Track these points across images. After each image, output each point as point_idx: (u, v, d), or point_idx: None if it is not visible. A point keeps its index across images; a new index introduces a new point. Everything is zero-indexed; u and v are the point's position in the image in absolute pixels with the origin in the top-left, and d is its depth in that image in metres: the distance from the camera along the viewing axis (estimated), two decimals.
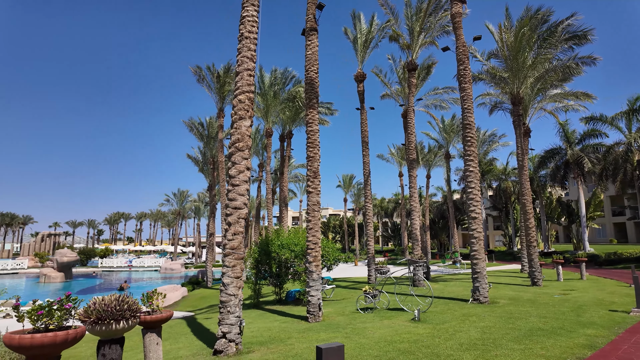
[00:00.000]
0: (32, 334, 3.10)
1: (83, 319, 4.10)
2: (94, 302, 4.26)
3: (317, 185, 11.78)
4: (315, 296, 10.87)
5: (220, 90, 27.72)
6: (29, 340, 3.04)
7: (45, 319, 3.30)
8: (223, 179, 27.94)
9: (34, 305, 3.37)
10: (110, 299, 4.36)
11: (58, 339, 3.11)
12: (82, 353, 9.41)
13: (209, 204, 36.71)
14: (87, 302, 4.29)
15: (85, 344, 10.40)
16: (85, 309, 4.11)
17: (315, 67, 12.63)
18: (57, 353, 3.23)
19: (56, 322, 3.34)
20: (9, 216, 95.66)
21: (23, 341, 3.04)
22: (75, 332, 3.29)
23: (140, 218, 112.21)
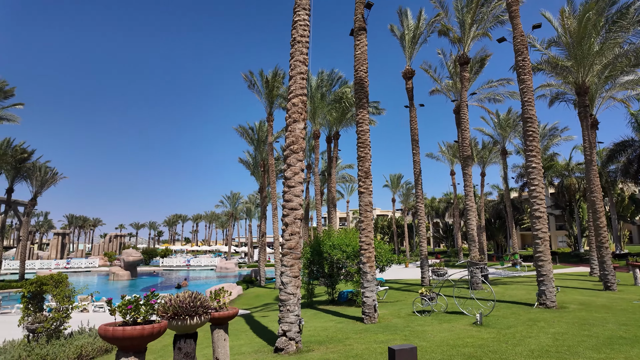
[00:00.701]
0: (122, 326, 3.38)
1: (161, 314, 4.39)
2: (170, 298, 4.55)
3: (369, 186, 11.70)
4: (370, 297, 10.79)
5: (269, 95, 28.44)
6: (121, 332, 3.32)
7: (133, 313, 3.59)
8: (273, 180, 28.62)
9: (123, 301, 3.68)
10: (184, 295, 4.63)
11: (145, 331, 3.37)
12: (153, 346, 10.05)
13: (260, 206, 37.74)
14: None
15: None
16: (163, 305, 4.40)
17: (365, 66, 12.56)
18: (144, 345, 3.50)
19: (142, 316, 3.61)
20: (81, 219, 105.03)
21: (116, 333, 3.32)
22: (159, 326, 3.54)
23: (196, 220, 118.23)
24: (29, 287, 8.41)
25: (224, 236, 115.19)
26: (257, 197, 69.25)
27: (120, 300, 3.87)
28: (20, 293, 27.72)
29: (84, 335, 8.83)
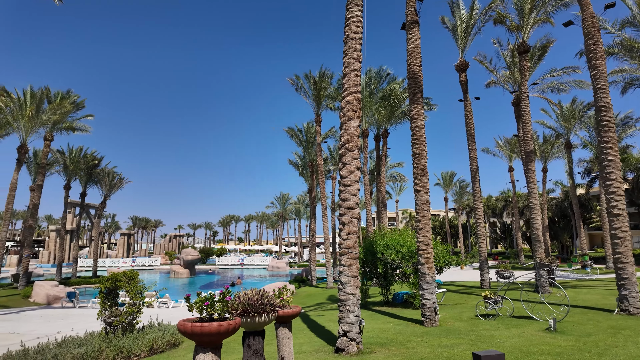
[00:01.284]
0: (201, 322, 3.48)
1: (230, 311, 4.47)
2: (239, 296, 4.63)
3: (425, 184, 11.29)
4: (430, 299, 10.40)
5: (317, 96, 28.60)
6: (199, 328, 3.42)
7: (210, 309, 3.68)
8: (322, 181, 28.72)
9: (200, 297, 3.80)
10: (252, 293, 4.69)
11: (222, 328, 3.44)
12: None
13: (309, 206, 38.08)
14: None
15: None
16: (232, 302, 4.48)
17: (418, 60, 12.17)
18: (220, 341, 3.57)
19: (218, 313, 3.70)
20: (144, 220, 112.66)
21: (195, 329, 3.42)
22: (234, 323, 3.60)
23: (248, 220, 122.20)
24: (106, 283, 9.06)
25: (274, 236, 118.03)
26: (305, 198, 70.08)
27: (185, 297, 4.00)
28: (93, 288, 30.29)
29: (154, 329, 9.36)
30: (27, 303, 23.51)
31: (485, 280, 20.07)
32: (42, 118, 26.62)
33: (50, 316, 17.65)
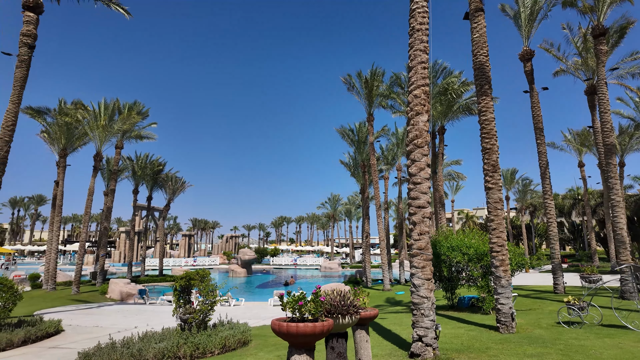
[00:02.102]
0: (296, 323, 3.41)
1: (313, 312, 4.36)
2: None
3: (498, 180, 10.58)
4: (506, 304, 9.70)
5: (369, 95, 28.20)
6: (294, 329, 3.34)
7: (303, 309, 3.61)
8: (376, 181, 28.23)
9: (293, 297, 3.73)
10: (333, 294, 4.56)
11: (317, 329, 3.34)
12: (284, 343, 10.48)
13: (361, 207, 37.67)
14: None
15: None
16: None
17: (485, 49, 11.46)
18: (313, 342, 3.48)
19: (312, 314, 3.62)
20: (203, 222, 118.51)
21: (290, 329, 3.35)
22: (328, 325, 3.49)
23: (299, 221, 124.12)
24: (180, 281, 9.46)
25: (324, 237, 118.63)
26: (355, 199, 69.59)
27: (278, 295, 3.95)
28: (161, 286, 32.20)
29: (225, 327, 9.63)
30: (104, 299, 25.53)
31: (560, 285, 18.53)
32: (114, 128, 28.84)
33: (125, 311, 18.96)
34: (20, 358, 8.99)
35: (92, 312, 18.48)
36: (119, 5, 18.11)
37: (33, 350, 9.81)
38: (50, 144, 30.48)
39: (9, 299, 10.44)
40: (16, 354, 9.36)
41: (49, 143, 30.47)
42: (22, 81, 15.41)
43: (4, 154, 14.72)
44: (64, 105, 28.95)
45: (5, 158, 14.76)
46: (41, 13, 16.24)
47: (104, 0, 17.81)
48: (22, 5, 15.85)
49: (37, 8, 16.01)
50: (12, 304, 10.57)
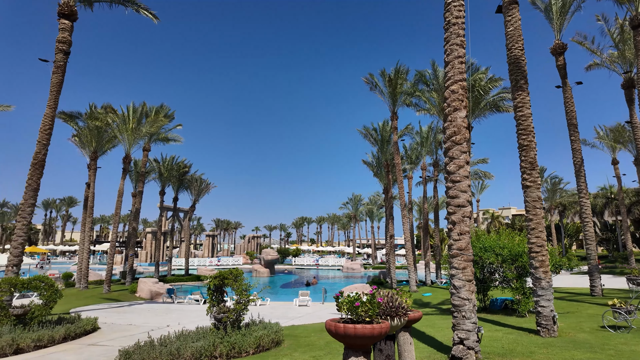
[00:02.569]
0: (353, 324, 3.31)
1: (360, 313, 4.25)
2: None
3: (536, 178, 10.19)
4: (547, 307, 9.33)
5: (393, 93, 27.85)
6: (352, 330, 3.25)
7: (359, 310, 3.51)
8: (400, 180, 27.85)
9: (348, 297, 3.64)
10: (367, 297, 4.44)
11: (375, 331, 3.24)
12: (317, 342, 10.42)
13: (384, 207, 37.27)
14: None
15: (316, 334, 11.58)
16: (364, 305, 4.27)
17: (520, 43, 11.08)
18: (370, 344, 3.38)
19: (370, 314, 3.52)
20: (225, 222, 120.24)
21: (348, 330, 3.26)
22: (386, 326, 3.38)
23: (319, 222, 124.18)
24: (214, 281, 9.52)
25: (345, 237, 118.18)
26: (377, 199, 69.01)
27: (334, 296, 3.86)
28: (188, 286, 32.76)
29: (258, 326, 9.64)
30: (134, 297, 26.14)
31: (597, 287, 17.79)
32: (142, 130, 29.53)
33: (155, 310, 19.34)
34: (62, 354, 9.26)
35: (124, 311, 18.93)
36: (148, 10, 18.52)
37: (73, 347, 10.09)
38: (81, 148, 31.51)
39: (50, 297, 10.79)
40: (58, 350, 9.65)
41: (80, 147, 31.52)
42: (58, 86, 15.95)
43: (42, 157, 15.27)
44: (95, 110, 29.89)
45: (43, 161, 15.30)
46: (75, 20, 16.77)
47: (134, 6, 18.24)
48: (58, 13, 16.41)
49: (72, 15, 16.54)
50: (53, 302, 10.92)
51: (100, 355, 9.12)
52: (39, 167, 15.07)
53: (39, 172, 15.06)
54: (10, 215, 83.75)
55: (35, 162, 15.02)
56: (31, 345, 9.56)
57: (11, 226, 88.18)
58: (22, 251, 14.39)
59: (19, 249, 14.34)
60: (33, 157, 15.10)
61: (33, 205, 14.92)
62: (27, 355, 9.22)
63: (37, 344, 9.74)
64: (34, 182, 14.90)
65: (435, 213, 35.56)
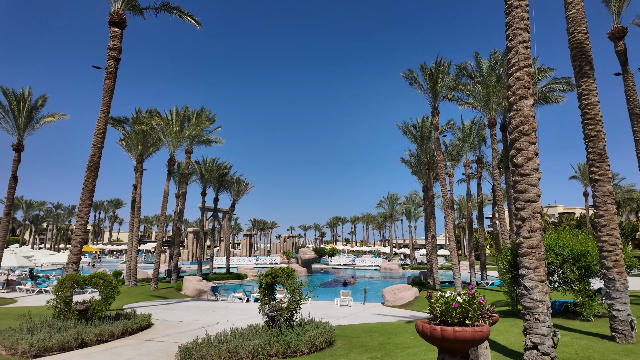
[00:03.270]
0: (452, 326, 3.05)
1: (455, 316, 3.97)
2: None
3: (607, 171, 9.39)
4: (623, 311, 8.56)
5: (433, 87, 27.00)
6: (452, 333, 3.00)
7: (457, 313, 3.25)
8: (443, 177, 26.96)
9: (443, 298, 3.39)
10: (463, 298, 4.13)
11: (477, 335, 2.97)
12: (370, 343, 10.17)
13: (423, 206, 36.32)
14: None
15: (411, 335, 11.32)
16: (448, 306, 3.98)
17: (583, 26, 10.28)
18: (468, 349, 3.11)
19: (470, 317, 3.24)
20: (261, 222, 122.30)
21: (446, 333, 3.01)
22: (487, 330, 3.10)
23: (354, 221, 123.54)
24: (266, 279, 9.50)
25: (380, 237, 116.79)
26: (414, 197, 67.51)
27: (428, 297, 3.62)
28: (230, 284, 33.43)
29: (310, 325, 9.52)
30: (180, 295, 26.97)
31: None
32: (185, 133, 30.45)
33: (202, 307, 19.79)
34: (122, 349, 9.57)
35: (173, 308, 19.51)
36: (191, 16, 19.00)
37: (132, 342, 10.42)
38: (128, 151, 32.97)
39: (109, 293, 11.23)
40: (118, 345, 9.99)
41: (127, 150, 32.98)
42: (110, 92, 16.67)
43: (97, 160, 16.00)
44: (140, 114, 31.15)
45: (97, 163, 16.04)
46: (124, 28, 17.47)
47: (179, 13, 18.77)
48: (109, 22, 17.15)
49: (122, 23, 17.24)
50: (112, 298, 11.35)
51: (158, 350, 9.34)
52: (94, 169, 15.80)
53: (94, 174, 15.79)
54: (64, 217, 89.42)
55: (91, 165, 15.77)
56: (94, 339, 9.96)
57: (64, 227, 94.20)
58: (80, 250, 15.13)
59: (77, 248, 15.10)
60: (89, 160, 15.86)
61: (89, 205, 15.66)
62: (90, 349, 9.61)
63: (99, 338, 10.13)
64: (90, 183, 15.64)
65: (479, 211, 34.19)
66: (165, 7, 18.59)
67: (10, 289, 27.51)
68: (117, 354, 8.98)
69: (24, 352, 8.61)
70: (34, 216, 79.92)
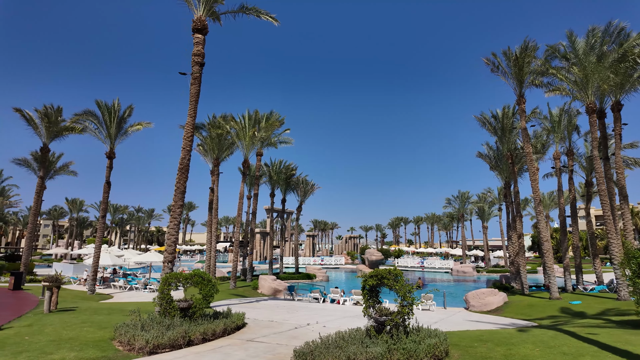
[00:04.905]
0: None
1: None
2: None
3: None
4: None
5: (519, 73, 24.72)
6: None
7: None
8: (533, 172, 24.56)
9: None
10: None
11: None
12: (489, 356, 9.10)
13: (507, 203, 33.56)
14: None
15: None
16: None
17: None
18: None
19: None
20: (322, 223, 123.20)
21: None
22: None
23: (417, 222, 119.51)
24: (370, 280, 8.89)
25: (447, 238, 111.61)
26: (487, 195, 63.20)
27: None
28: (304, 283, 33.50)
29: (423, 332, 8.71)
30: (257, 294, 27.45)
31: None
32: (257, 136, 31.11)
33: (284, 307, 19.75)
34: (229, 349, 9.49)
35: (255, 306, 19.69)
36: (268, 14, 19.12)
37: (234, 341, 10.35)
38: (205, 155, 34.48)
39: (209, 292, 11.35)
40: (224, 344, 9.95)
41: (204, 155, 34.52)
42: (196, 96, 17.21)
43: (187, 162, 16.57)
44: (215, 119, 32.40)
45: (187, 166, 16.59)
46: (207, 34, 17.99)
47: (256, 13, 18.97)
48: (192, 29, 17.76)
49: (204, 29, 17.78)
50: (211, 297, 11.47)
51: (265, 352, 9.12)
52: (184, 171, 16.38)
53: (185, 176, 16.36)
54: (144, 219, 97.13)
55: (182, 167, 16.35)
56: (199, 337, 10.03)
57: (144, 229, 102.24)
58: (174, 249, 15.72)
59: (172, 247, 15.70)
60: (179, 163, 16.47)
61: (182, 206, 16.24)
62: (197, 347, 9.65)
63: (204, 337, 10.19)
64: (182, 185, 16.22)
65: (572, 208, 30.78)
66: (242, 9, 18.89)
67: (106, 286, 29.95)
68: (227, 354, 8.88)
69: (141, 348, 8.81)
70: (119, 219, 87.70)
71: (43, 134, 30.58)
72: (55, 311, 14.82)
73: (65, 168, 35.98)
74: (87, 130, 27.32)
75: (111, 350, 8.82)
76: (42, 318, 13.13)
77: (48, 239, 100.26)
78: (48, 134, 30.58)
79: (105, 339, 9.93)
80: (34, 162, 32.88)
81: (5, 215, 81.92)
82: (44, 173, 31.17)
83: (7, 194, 54.06)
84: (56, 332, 10.61)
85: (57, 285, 15.09)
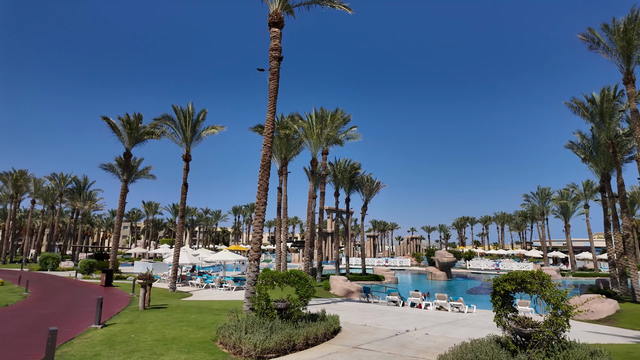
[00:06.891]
0: None
1: None
2: None
3: None
4: None
5: (626, 47, 21.50)
6: None
7: None
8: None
9: None
10: None
11: None
12: None
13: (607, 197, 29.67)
14: None
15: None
16: None
17: None
18: None
19: None
20: (382, 224, 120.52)
21: None
22: None
23: (485, 222, 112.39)
24: (504, 284, 7.55)
25: (520, 239, 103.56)
26: (569, 192, 57.20)
27: None
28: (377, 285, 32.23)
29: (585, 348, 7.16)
30: (329, 294, 26.67)
31: None
32: (324, 134, 30.49)
33: (367, 309, 18.67)
34: (339, 356, 8.61)
35: (335, 308, 18.83)
36: (341, 4, 18.27)
37: (339, 348, 9.49)
38: (272, 156, 34.62)
39: (306, 292, 10.65)
40: (331, 351, 9.11)
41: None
42: (274, 92, 16.79)
43: (268, 159, 16.18)
44: (282, 119, 32.34)
45: (269, 162, 16.19)
46: (282, 27, 17.53)
47: (330, 3, 18.21)
48: (268, 23, 17.38)
49: (280, 23, 17.33)
50: (308, 298, 10.76)
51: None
52: (266, 168, 15.99)
53: (267, 172, 15.98)
54: (211, 220, 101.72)
55: (264, 164, 15.99)
56: (302, 342, 9.30)
57: (212, 229, 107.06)
58: (260, 247, 15.36)
59: (257, 245, 15.35)
60: (261, 160, 16.13)
61: (265, 204, 15.86)
62: (302, 354, 8.92)
63: (306, 341, 9.45)
64: (264, 182, 15.85)
65: None
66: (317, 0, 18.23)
67: (184, 284, 31.00)
68: None
69: (248, 353, 8.25)
70: (189, 220, 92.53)
71: (125, 140, 32.51)
72: (149, 308, 15.10)
73: (145, 172, 38.12)
74: (165, 135, 28.42)
75: (219, 354, 8.35)
76: (139, 315, 13.32)
77: (127, 239, 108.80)
78: (130, 140, 32.45)
79: (207, 339, 9.57)
80: (117, 167, 35.14)
81: (92, 217, 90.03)
82: (127, 177, 33.12)
83: (93, 198, 59.00)
84: (158, 331, 10.49)
85: (150, 282, 15.40)
